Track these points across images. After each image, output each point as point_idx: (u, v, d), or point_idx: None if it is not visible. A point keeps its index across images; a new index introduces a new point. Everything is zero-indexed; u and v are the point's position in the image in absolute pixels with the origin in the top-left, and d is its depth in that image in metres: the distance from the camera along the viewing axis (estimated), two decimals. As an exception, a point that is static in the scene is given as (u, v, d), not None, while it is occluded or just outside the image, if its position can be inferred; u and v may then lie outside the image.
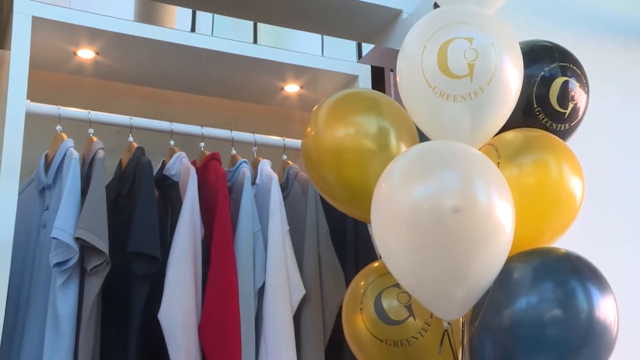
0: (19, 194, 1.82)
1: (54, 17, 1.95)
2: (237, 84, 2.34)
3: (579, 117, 1.83)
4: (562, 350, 1.51)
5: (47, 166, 1.94)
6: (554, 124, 1.80)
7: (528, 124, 1.79)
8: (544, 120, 1.80)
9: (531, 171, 1.70)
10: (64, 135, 1.93)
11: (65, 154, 1.88)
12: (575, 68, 1.83)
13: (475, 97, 1.55)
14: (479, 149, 1.61)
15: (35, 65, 1.92)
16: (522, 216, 1.57)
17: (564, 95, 1.79)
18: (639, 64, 2.68)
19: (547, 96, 1.79)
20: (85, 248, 1.76)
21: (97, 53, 2.13)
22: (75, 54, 2.13)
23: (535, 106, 1.80)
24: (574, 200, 1.71)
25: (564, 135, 1.82)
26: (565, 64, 1.82)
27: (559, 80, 1.80)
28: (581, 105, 1.82)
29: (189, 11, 2.39)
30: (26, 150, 1.82)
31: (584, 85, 1.84)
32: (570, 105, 1.80)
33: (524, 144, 1.73)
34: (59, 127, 1.95)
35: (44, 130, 1.95)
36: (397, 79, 1.68)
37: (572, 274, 1.57)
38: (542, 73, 1.80)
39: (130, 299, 1.83)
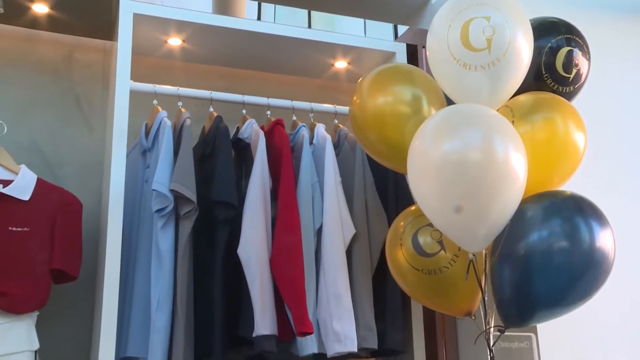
0: (127, 155, 1.87)
1: (149, 13, 1.98)
2: (295, 62, 2.33)
3: (582, 81, 1.79)
4: (568, 274, 1.52)
5: (147, 133, 1.99)
6: (560, 87, 1.77)
7: (538, 87, 1.76)
8: (552, 84, 1.77)
9: (541, 127, 1.68)
10: (159, 108, 1.98)
11: (160, 122, 1.92)
12: (578, 39, 1.78)
13: (493, 67, 1.54)
14: (497, 110, 1.60)
15: (136, 52, 1.95)
16: (534, 165, 1.57)
17: (569, 63, 1.75)
18: (638, 37, 2.59)
19: (554, 64, 1.75)
20: (179, 198, 1.82)
21: (183, 41, 2.15)
22: (166, 42, 2.15)
23: (544, 72, 1.76)
24: (577, 151, 1.70)
25: (569, 96, 1.78)
26: (569, 36, 1.77)
27: (564, 50, 1.75)
28: (583, 71, 1.78)
29: (255, 3, 2.39)
30: (131, 120, 1.87)
31: (586, 53, 1.79)
32: (574, 71, 1.76)
33: (535, 105, 1.71)
34: (155, 101, 1.99)
35: (144, 104, 1.99)
36: (427, 53, 1.67)
37: (576, 212, 1.57)
38: (550, 44, 1.76)
39: (214, 238, 1.88)
